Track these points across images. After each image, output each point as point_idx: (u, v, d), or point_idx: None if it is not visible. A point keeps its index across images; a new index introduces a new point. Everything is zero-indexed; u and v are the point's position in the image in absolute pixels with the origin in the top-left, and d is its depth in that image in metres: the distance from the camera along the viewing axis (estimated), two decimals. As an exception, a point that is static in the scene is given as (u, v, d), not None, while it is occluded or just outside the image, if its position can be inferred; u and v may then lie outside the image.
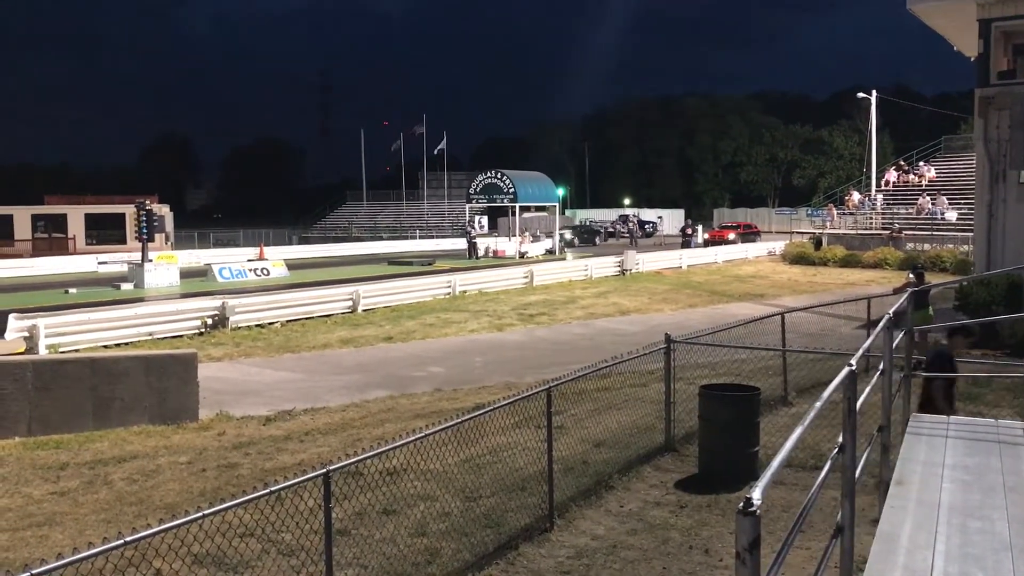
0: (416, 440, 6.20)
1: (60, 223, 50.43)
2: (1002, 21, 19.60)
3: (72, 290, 27.99)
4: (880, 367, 5.37)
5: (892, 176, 46.86)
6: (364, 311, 22.77)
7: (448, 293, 26.40)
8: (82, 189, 67.11)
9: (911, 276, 15.77)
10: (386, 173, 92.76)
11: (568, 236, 54.11)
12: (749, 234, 54.88)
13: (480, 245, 44.72)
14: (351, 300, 22.88)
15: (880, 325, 5.22)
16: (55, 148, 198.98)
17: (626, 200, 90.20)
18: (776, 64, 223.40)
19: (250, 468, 9.43)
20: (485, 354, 17.54)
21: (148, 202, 31.08)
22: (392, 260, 42.99)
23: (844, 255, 37.87)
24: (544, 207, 52.91)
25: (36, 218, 50.57)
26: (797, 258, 39.72)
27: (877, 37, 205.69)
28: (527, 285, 29.67)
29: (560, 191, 57.35)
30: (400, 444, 6.03)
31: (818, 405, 3.27)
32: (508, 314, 22.81)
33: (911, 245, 37.55)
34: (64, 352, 15.88)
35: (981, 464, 5.21)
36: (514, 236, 46.88)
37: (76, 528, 7.60)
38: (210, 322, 19.30)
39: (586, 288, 29.44)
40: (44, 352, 15.87)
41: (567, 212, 75.18)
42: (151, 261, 30.48)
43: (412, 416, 11.73)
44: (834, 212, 45.75)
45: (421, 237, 63.43)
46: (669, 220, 74.13)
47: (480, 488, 8.11)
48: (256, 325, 20.01)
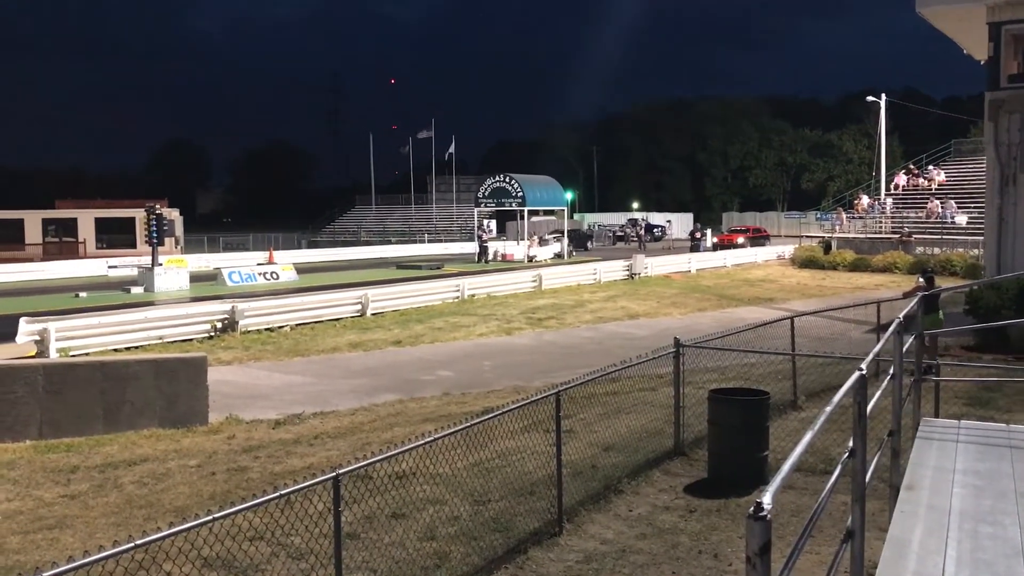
0: (425, 444, 6.20)
1: (71, 227, 50.67)
2: (1012, 24, 19.50)
3: (82, 294, 28.09)
4: (890, 371, 5.35)
5: (902, 180, 46.72)
6: (373, 315, 22.81)
7: (457, 297, 26.41)
8: (93, 193, 67.49)
9: (921, 280, 15.72)
10: (395, 177, 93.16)
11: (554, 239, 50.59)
12: (758, 238, 54.67)
13: (490, 249, 44.78)
14: (360, 304, 22.92)
15: (890, 329, 5.21)
16: (66, 152, 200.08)
17: (635, 204, 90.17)
18: (785, 67, 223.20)
19: (259, 472, 9.45)
20: (494, 358, 17.54)
21: (158, 206, 31.19)
22: (401, 264, 43.06)
23: (853, 259, 37.75)
24: (553, 211, 52.92)
25: (47, 222, 50.84)
26: (806, 262, 39.62)
27: (886, 40, 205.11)
28: (536, 289, 29.67)
29: (568, 195, 57.28)
30: (409, 448, 6.03)
31: (828, 409, 3.27)
32: (517, 318, 22.81)
33: (921, 249, 37.43)
34: (74, 356, 15.94)
35: (992, 469, 5.19)
36: (522, 240, 46.89)
37: (86, 531, 7.63)
38: (220, 326, 19.34)
39: (595, 292, 29.42)
40: (55, 356, 15.93)
41: (575, 216, 75.17)
42: (161, 265, 30.59)
43: (421, 420, 11.74)
44: (843, 216, 45.63)
45: (430, 241, 63.47)
46: (678, 224, 74.09)
47: (489, 492, 8.10)
48: (265, 329, 20.06)
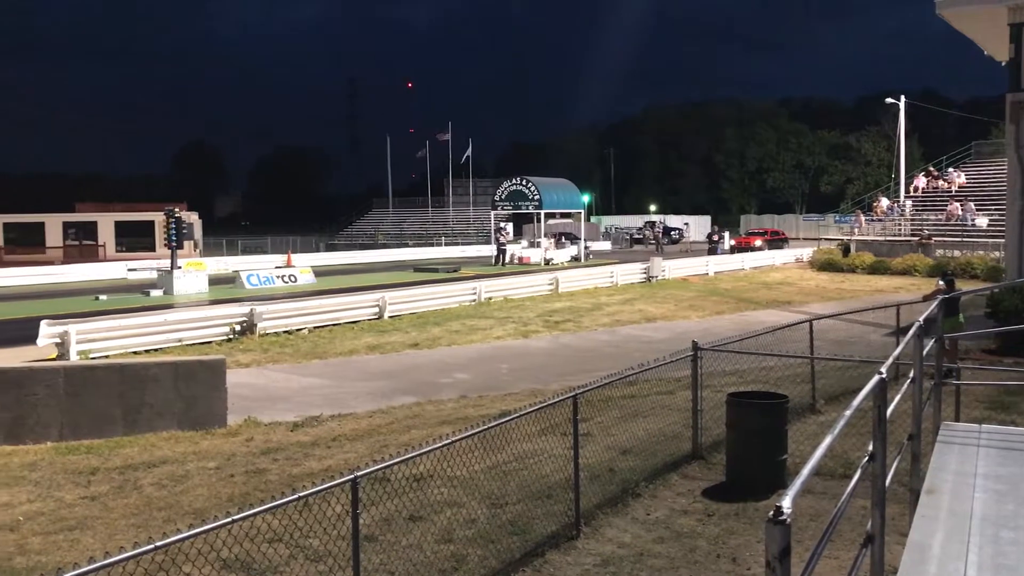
0: (443, 447, 6.21)
1: (91, 230, 51.07)
2: (1034, 25, 19.33)
3: (102, 297, 28.31)
4: (910, 375, 5.32)
5: (921, 182, 46.42)
6: (390, 317, 22.86)
7: (474, 300, 26.44)
8: (112, 197, 68.01)
9: (941, 283, 15.60)
10: (412, 180, 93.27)
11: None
12: (776, 241, 54.40)
13: (507, 252, 44.82)
14: (377, 307, 22.98)
15: (910, 332, 5.17)
16: (86, 156, 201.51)
17: (652, 206, 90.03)
18: (803, 69, 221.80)
19: (278, 474, 9.48)
20: (511, 361, 17.55)
21: (177, 210, 31.41)
22: (418, 267, 43.15)
23: (872, 262, 37.52)
24: (569, 214, 52.89)
25: (67, 225, 51.25)
26: (825, 265, 39.40)
27: (906, 42, 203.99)
28: (552, 292, 29.66)
29: (585, 197, 57.28)
30: (427, 451, 6.05)
31: (848, 413, 3.25)
32: (534, 321, 22.81)
33: (940, 252, 37.16)
34: (94, 358, 16.06)
35: (1015, 474, 5.14)
36: (539, 243, 46.88)
37: (106, 532, 7.68)
38: (238, 328, 19.44)
39: (612, 295, 29.38)
40: (75, 358, 16.05)
41: (592, 219, 75.19)
42: (180, 268, 30.78)
43: (438, 422, 11.75)
44: (862, 218, 45.35)
45: (447, 244, 63.58)
46: (696, 226, 73.87)
47: (506, 495, 8.10)
48: (284, 331, 20.14)
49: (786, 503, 2.25)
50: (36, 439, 11.07)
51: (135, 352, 17.24)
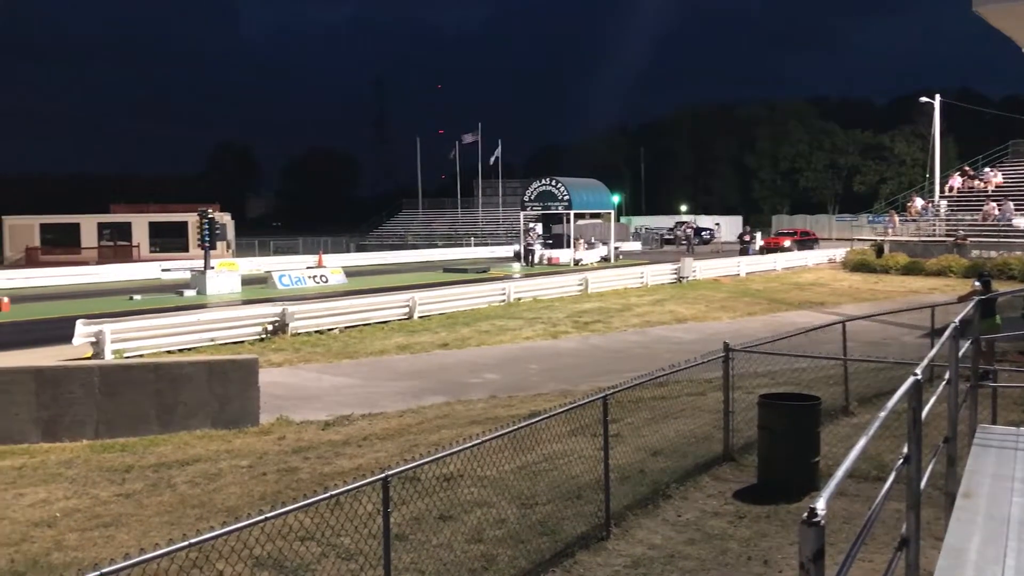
0: (472, 447, 6.22)
1: (125, 231, 51.80)
2: (1073, 22, 19.02)
3: (136, 297, 28.67)
4: (946, 377, 5.25)
5: (956, 182, 45.82)
6: (420, 318, 22.94)
7: (503, 300, 26.46)
8: (146, 198, 68.77)
9: (977, 284, 15.38)
10: (441, 181, 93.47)
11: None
12: (806, 241, 53.75)
13: (536, 252, 44.77)
14: (407, 307, 23.06)
15: (946, 334, 5.11)
16: (121, 158, 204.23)
17: (683, 206, 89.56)
18: (836, 68, 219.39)
19: (309, 472, 9.55)
20: (540, 361, 17.54)
21: (210, 210, 31.71)
22: (447, 267, 43.27)
23: (906, 262, 37.09)
24: (599, 214, 52.77)
25: (102, 226, 52.03)
26: (858, 265, 39.00)
27: (941, 40, 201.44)
28: (582, 292, 29.60)
29: (615, 198, 57.06)
30: (457, 450, 6.06)
31: (882, 415, 3.22)
32: (563, 321, 22.78)
33: (976, 252, 36.63)
34: (129, 357, 16.27)
35: (1053, 478, 5.06)
36: (568, 244, 46.81)
37: (141, 529, 7.77)
38: (270, 328, 19.59)
39: (642, 296, 29.27)
40: (110, 357, 16.26)
41: (622, 219, 74.91)
42: (213, 268, 31.09)
43: (468, 422, 11.77)
44: (896, 219, 44.84)
45: (476, 244, 63.67)
46: (727, 227, 73.34)
47: (536, 495, 8.10)
48: (315, 331, 20.28)
49: (820, 504, 2.23)
50: (72, 437, 11.24)
51: (169, 351, 17.44)
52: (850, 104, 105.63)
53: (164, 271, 38.70)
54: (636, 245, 65.30)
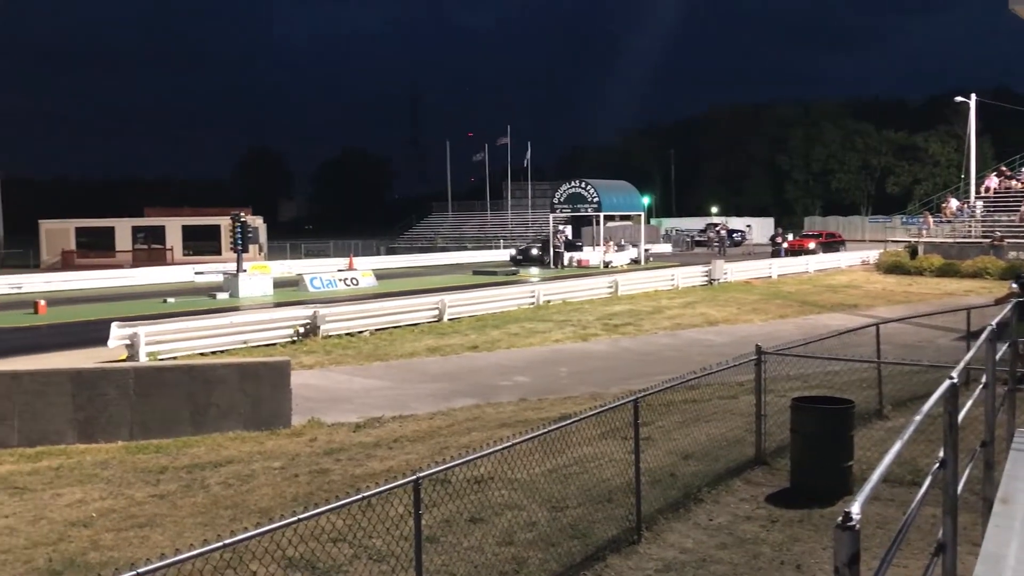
0: (503, 449, 6.22)
1: (159, 235, 52.47)
2: (1113, 19, 18.67)
3: (170, 299, 29.00)
4: (982, 380, 5.18)
5: (993, 182, 45.11)
6: (450, 320, 22.99)
7: (532, 303, 26.46)
8: (179, 201, 69.62)
9: (1014, 286, 15.13)
10: (471, 184, 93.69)
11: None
12: (832, 243, 52.42)
13: (565, 255, 44.69)
14: (437, 309, 23.13)
15: (982, 336, 5.04)
16: (155, 162, 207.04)
17: (714, 208, 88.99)
18: (869, 68, 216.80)
19: (341, 474, 9.61)
20: (570, 364, 17.51)
21: (243, 214, 32.05)
22: (477, 270, 43.33)
23: (941, 264, 36.57)
24: (629, 216, 52.61)
25: (136, 230, 52.78)
26: (892, 267, 38.53)
27: (976, 39, 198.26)
28: (612, 295, 29.52)
29: (645, 199, 56.86)
30: (487, 453, 6.06)
31: (918, 419, 3.18)
32: (593, 324, 22.73)
33: (1013, 254, 36.03)
34: (163, 359, 16.46)
35: (1093, 483, 4.97)
36: (598, 246, 46.70)
37: (175, 530, 7.86)
38: (302, 331, 19.73)
39: (672, 298, 29.13)
40: (144, 359, 16.46)
41: (652, 221, 74.64)
42: (245, 271, 31.40)
43: (498, 425, 11.78)
44: (930, 220, 44.21)
45: (505, 247, 63.72)
46: (759, 228, 72.80)
47: (566, 498, 8.09)
48: (346, 334, 20.39)
49: (855, 508, 2.21)
50: (108, 438, 11.40)
51: (202, 353, 17.62)
52: (884, 104, 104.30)
53: (197, 274, 39.14)
54: (666, 247, 65.06)
